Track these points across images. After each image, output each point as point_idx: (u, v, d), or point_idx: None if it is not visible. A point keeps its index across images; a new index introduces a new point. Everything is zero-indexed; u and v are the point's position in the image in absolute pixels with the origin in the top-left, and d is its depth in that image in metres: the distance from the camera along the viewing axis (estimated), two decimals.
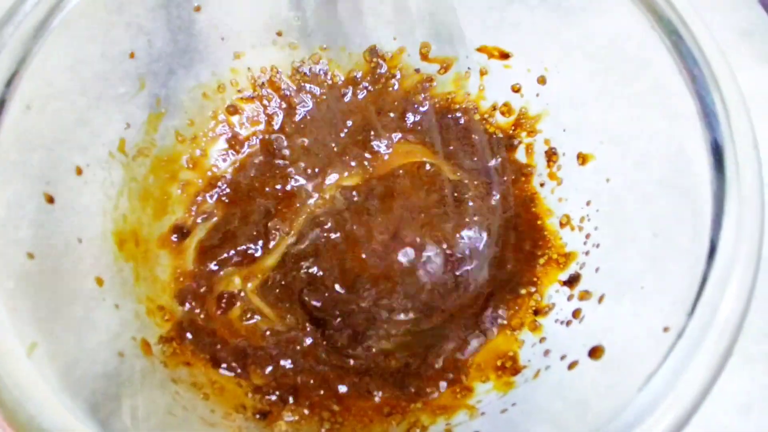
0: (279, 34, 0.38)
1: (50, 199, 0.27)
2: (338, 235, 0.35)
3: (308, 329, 0.32)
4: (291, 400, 0.28)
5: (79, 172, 0.29)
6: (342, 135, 0.39)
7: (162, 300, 0.31)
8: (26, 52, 0.26)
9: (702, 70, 0.24)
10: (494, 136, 0.38)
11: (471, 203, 0.36)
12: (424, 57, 0.39)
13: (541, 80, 0.35)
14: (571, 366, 0.25)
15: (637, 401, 0.19)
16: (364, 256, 0.35)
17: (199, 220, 0.35)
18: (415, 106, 0.39)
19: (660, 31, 0.26)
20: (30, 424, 0.20)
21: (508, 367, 0.29)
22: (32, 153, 0.27)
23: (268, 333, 0.32)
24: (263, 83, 0.39)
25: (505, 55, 0.37)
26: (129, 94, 0.33)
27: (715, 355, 0.19)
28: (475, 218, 0.35)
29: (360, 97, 0.40)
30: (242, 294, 0.33)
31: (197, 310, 0.31)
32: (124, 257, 0.30)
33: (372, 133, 0.39)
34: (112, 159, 0.32)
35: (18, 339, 0.21)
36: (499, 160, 0.37)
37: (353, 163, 0.38)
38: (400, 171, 0.38)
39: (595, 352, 0.25)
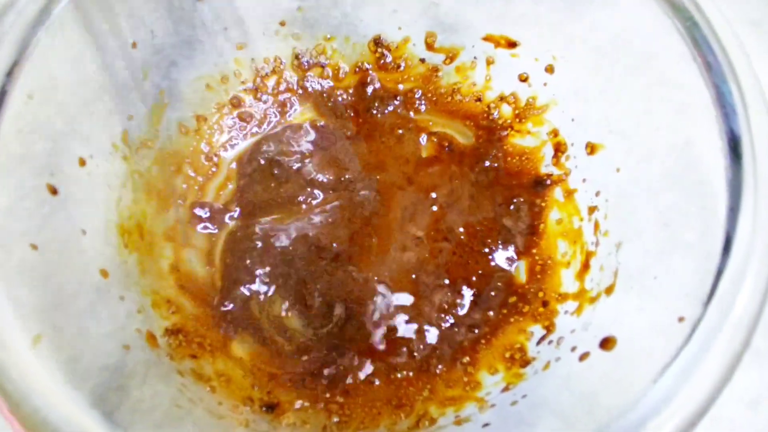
0: (282, 24, 0.38)
1: (53, 191, 0.26)
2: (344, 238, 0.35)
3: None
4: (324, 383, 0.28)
5: (82, 163, 0.29)
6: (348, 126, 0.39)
7: (168, 292, 0.31)
8: (27, 41, 0.25)
9: (718, 58, 0.23)
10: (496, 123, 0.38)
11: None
12: (430, 47, 0.39)
13: (549, 69, 0.35)
14: (582, 357, 0.25)
15: (649, 396, 0.19)
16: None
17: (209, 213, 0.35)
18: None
19: (674, 18, 0.25)
20: (35, 416, 0.19)
21: (517, 359, 0.29)
22: (35, 144, 0.26)
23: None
24: (267, 74, 0.39)
25: (512, 44, 0.36)
26: (131, 85, 0.33)
27: (731, 349, 0.18)
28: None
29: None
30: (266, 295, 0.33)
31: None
32: (129, 249, 0.30)
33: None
34: (115, 150, 0.31)
35: (23, 331, 0.21)
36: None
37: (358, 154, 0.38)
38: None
39: (606, 343, 0.24)
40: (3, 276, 0.22)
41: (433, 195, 0.36)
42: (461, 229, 0.35)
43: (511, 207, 0.35)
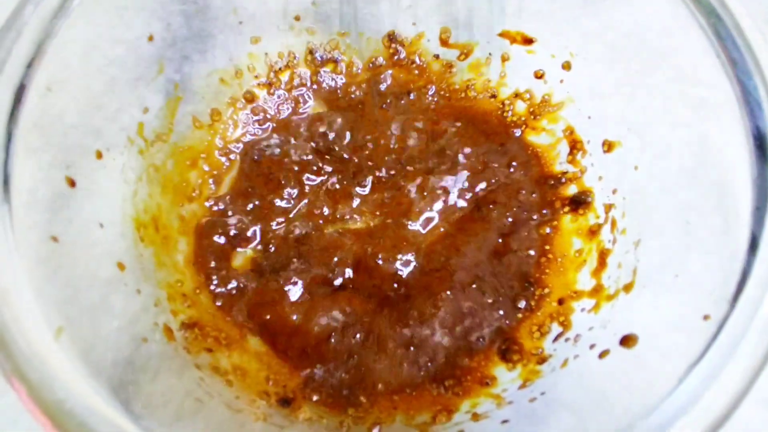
0: (297, 18, 0.38)
1: (72, 183, 0.26)
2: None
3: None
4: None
5: (99, 156, 0.29)
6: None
7: (184, 287, 0.31)
8: (46, 33, 0.25)
9: (743, 54, 0.23)
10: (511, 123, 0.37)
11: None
12: (444, 42, 0.38)
13: (566, 66, 0.35)
14: (602, 355, 0.25)
15: (675, 396, 0.19)
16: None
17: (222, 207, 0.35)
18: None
19: (696, 12, 0.25)
20: (58, 406, 0.19)
21: (534, 354, 0.29)
22: (53, 136, 0.26)
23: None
24: (280, 69, 0.39)
25: (528, 41, 0.36)
26: (146, 78, 0.33)
27: (759, 348, 0.18)
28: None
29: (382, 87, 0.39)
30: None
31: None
32: (145, 243, 0.30)
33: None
34: (131, 144, 0.31)
35: (45, 322, 0.21)
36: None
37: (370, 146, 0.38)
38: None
39: (627, 341, 0.24)
40: (25, 267, 0.22)
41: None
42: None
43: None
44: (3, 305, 0.20)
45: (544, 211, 0.35)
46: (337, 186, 0.36)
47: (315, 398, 0.28)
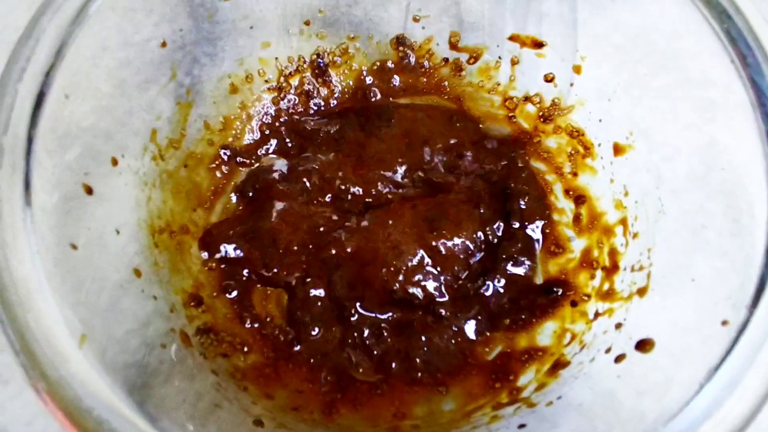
0: (307, 23, 0.38)
1: (89, 190, 0.27)
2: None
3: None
4: None
5: (114, 162, 0.29)
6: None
7: (199, 293, 0.31)
8: (64, 40, 0.25)
9: (756, 55, 0.23)
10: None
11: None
12: (454, 46, 0.38)
13: (577, 69, 0.35)
14: (618, 359, 0.25)
15: (697, 401, 0.18)
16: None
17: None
18: None
19: (706, 13, 0.25)
20: (78, 406, 0.20)
21: (551, 356, 0.29)
22: (70, 143, 0.27)
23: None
24: (290, 73, 0.39)
25: (538, 44, 0.36)
26: (157, 82, 0.33)
27: None
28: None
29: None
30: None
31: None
32: (159, 249, 0.30)
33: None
34: (145, 150, 0.31)
35: (65, 326, 0.21)
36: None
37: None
38: None
39: (643, 345, 0.24)
40: (45, 272, 0.22)
41: None
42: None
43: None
44: (26, 311, 0.21)
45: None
46: (348, 187, 0.37)
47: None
